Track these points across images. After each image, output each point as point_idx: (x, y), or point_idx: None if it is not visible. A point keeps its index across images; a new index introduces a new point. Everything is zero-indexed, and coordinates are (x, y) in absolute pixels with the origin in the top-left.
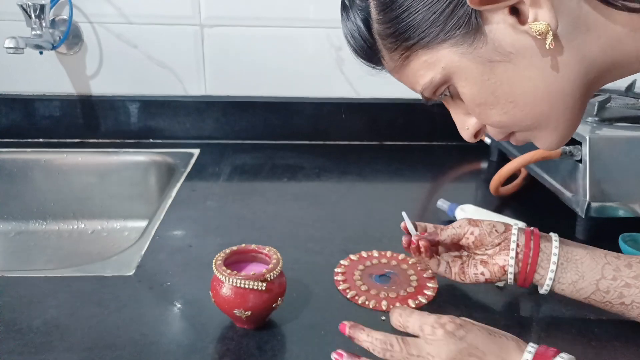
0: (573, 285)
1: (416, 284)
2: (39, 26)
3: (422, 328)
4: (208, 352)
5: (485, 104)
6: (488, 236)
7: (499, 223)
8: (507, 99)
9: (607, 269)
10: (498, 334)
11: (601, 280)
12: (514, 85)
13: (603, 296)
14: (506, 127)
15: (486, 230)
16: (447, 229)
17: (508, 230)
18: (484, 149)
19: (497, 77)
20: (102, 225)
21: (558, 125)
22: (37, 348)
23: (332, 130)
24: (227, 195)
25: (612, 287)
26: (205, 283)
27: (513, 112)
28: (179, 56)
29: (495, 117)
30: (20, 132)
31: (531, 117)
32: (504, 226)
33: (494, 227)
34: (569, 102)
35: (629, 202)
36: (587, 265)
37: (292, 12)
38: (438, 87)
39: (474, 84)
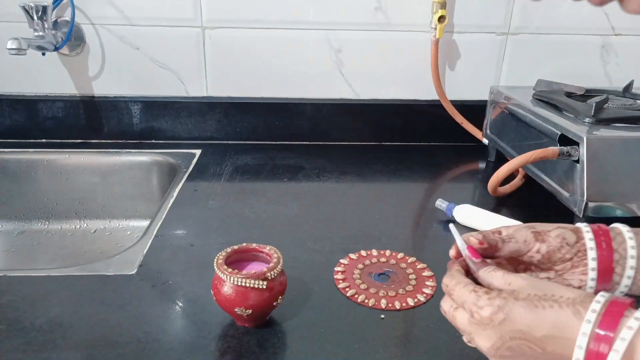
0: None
1: (415, 283)
2: (42, 27)
3: (464, 305)
4: (209, 350)
5: None
6: (558, 252)
7: (568, 232)
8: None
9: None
10: (549, 302)
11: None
12: None
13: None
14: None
15: (556, 246)
16: (508, 243)
17: (580, 240)
18: (482, 149)
19: None
20: (105, 224)
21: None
22: (40, 346)
23: (332, 130)
24: (228, 195)
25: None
26: (207, 282)
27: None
28: (180, 58)
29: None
30: (23, 132)
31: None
32: (575, 235)
33: (564, 239)
34: None
35: (627, 202)
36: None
37: (293, 15)
38: None
39: None
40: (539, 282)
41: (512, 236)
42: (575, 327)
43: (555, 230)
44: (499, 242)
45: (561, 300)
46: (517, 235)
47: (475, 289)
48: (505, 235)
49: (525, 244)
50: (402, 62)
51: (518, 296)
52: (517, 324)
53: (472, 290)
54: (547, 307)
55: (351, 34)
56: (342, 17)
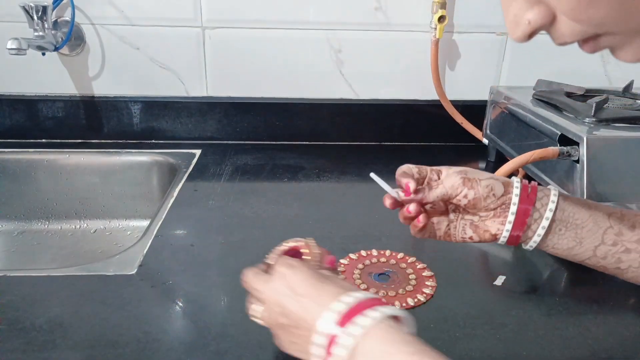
0: (569, 250)
1: (415, 283)
2: (42, 27)
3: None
4: (210, 350)
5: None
6: (483, 200)
7: (498, 183)
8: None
9: (608, 233)
10: (330, 279)
11: (600, 246)
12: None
13: (598, 261)
14: (604, 25)
15: (482, 194)
16: (436, 188)
17: (507, 193)
18: (482, 149)
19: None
20: (105, 224)
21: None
22: (40, 346)
23: (332, 130)
24: (228, 195)
25: (610, 253)
26: (207, 282)
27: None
28: (180, 58)
29: (601, 9)
30: (23, 132)
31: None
32: (503, 188)
33: (491, 190)
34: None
35: (626, 202)
36: (587, 230)
37: (293, 15)
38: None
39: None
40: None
41: (441, 182)
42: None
43: (487, 180)
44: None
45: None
46: (446, 181)
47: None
48: (435, 182)
49: (453, 189)
50: (402, 62)
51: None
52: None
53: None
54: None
55: (351, 34)
56: (342, 17)
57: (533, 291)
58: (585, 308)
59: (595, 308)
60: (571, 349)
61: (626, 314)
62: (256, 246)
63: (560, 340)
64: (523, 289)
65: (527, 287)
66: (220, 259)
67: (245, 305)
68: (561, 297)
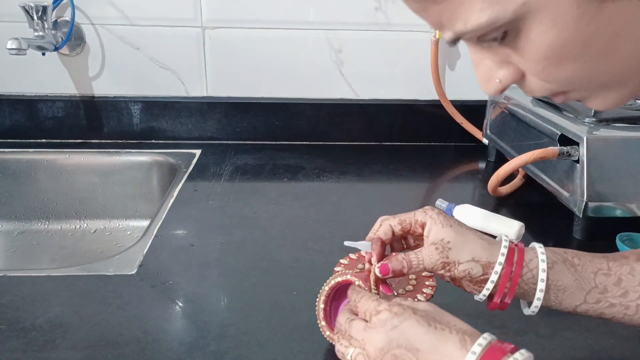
0: (548, 307)
1: (415, 283)
2: (42, 27)
3: (365, 313)
4: (210, 350)
5: (564, 57)
6: (459, 282)
7: (477, 266)
8: (599, 50)
9: (592, 293)
10: (442, 325)
11: (581, 305)
12: (618, 36)
13: (579, 314)
14: (571, 84)
15: (458, 276)
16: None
17: (485, 274)
18: (482, 149)
19: (602, 23)
20: (105, 224)
21: (638, 84)
22: (40, 346)
23: (331, 131)
24: (228, 195)
25: (592, 310)
26: (207, 282)
27: (596, 67)
28: (180, 58)
29: (567, 72)
30: (23, 132)
31: (615, 75)
32: (482, 270)
33: (469, 274)
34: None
35: (626, 202)
36: (569, 294)
37: (293, 15)
38: (494, 31)
39: (562, 31)
40: (441, 310)
41: (420, 264)
42: (455, 352)
43: (466, 264)
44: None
45: (453, 328)
46: (426, 259)
47: (378, 299)
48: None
49: (432, 269)
50: (402, 62)
51: (417, 312)
52: (406, 333)
53: (375, 299)
54: (438, 328)
55: (351, 34)
56: (342, 17)
57: None
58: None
59: None
60: (571, 349)
61: None
62: (256, 246)
63: (560, 340)
64: None
65: None
66: (220, 259)
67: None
68: None
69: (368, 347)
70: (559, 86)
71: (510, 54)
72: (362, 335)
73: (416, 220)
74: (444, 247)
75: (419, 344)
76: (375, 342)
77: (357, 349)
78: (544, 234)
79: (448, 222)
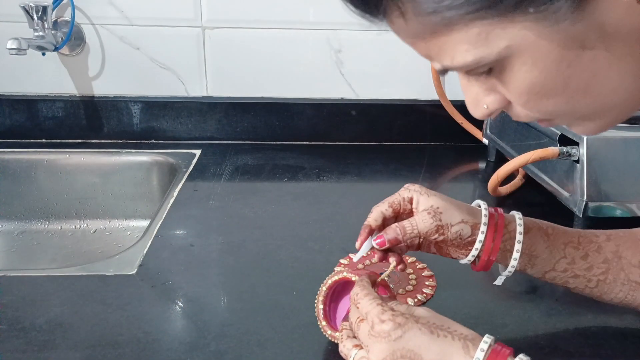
0: (521, 270)
1: (415, 283)
2: (42, 27)
3: (367, 317)
4: (210, 350)
5: (546, 94)
6: (450, 242)
7: (466, 227)
8: (579, 88)
9: (561, 262)
10: (444, 332)
11: (550, 271)
12: (597, 77)
13: (546, 280)
14: (554, 115)
15: (450, 238)
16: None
17: (473, 235)
18: (481, 150)
19: (581, 67)
20: (105, 224)
21: (617, 116)
22: (40, 346)
23: (331, 131)
24: (228, 195)
25: (558, 277)
26: (207, 282)
27: (577, 102)
28: (181, 58)
29: (549, 106)
30: (23, 132)
31: (595, 108)
32: (470, 230)
33: (459, 235)
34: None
35: (626, 202)
36: (541, 260)
37: (293, 15)
38: (480, 68)
39: (543, 71)
40: (438, 315)
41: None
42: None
43: (457, 225)
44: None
45: (455, 334)
46: (420, 224)
47: (382, 303)
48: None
49: (426, 234)
50: (402, 62)
51: (418, 320)
52: (410, 343)
53: (379, 304)
54: (441, 335)
55: (351, 34)
56: (342, 17)
57: (533, 291)
58: (585, 308)
59: (595, 308)
60: (571, 349)
61: (626, 314)
62: (256, 246)
63: (560, 340)
64: (523, 289)
65: (527, 287)
66: (220, 259)
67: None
68: (561, 298)
69: (372, 355)
70: (542, 115)
71: (496, 84)
72: (367, 340)
73: (403, 198)
74: (435, 212)
75: (423, 353)
76: (378, 352)
77: (361, 351)
78: None
79: (432, 192)
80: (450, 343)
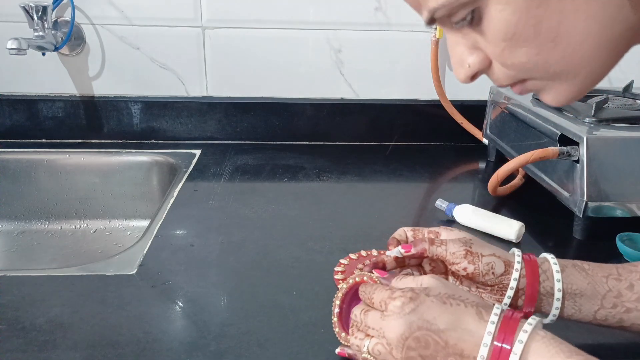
0: (569, 317)
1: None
2: (42, 27)
3: (380, 303)
4: (210, 350)
5: (518, 39)
6: (482, 277)
7: (499, 262)
8: (549, 36)
9: (607, 297)
10: (456, 300)
11: (600, 310)
12: (565, 21)
13: (600, 323)
14: (527, 70)
15: (482, 271)
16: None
17: (507, 273)
18: (482, 149)
19: (550, 7)
20: (105, 224)
21: (586, 77)
22: (40, 346)
23: (332, 131)
24: (228, 195)
25: (610, 315)
26: (207, 282)
27: (547, 54)
28: (181, 58)
29: (522, 56)
30: (23, 132)
31: (565, 63)
32: (504, 267)
33: (492, 268)
34: (613, 52)
35: (627, 202)
36: (586, 298)
37: (293, 15)
38: (461, 9)
39: (515, 11)
40: (448, 283)
41: (444, 243)
42: (475, 324)
43: (488, 257)
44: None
45: (467, 302)
46: (449, 245)
47: (391, 288)
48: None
49: (453, 257)
50: (402, 62)
51: (429, 292)
52: (425, 314)
53: (388, 289)
54: (454, 304)
55: (351, 34)
56: (342, 17)
57: None
58: None
59: None
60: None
61: None
62: (256, 246)
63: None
64: None
65: None
66: (220, 259)
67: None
68: None
69: (388, 334)
70: (517, 72)
71: (478, 40)
72: (379, 324)
73: (429, 230)
74: (466, 241)
75: (438, 323)
76: (394, 328)
77: (374, 339)
78: (544, 234)
79: (461, 230)
80: (463, 311)
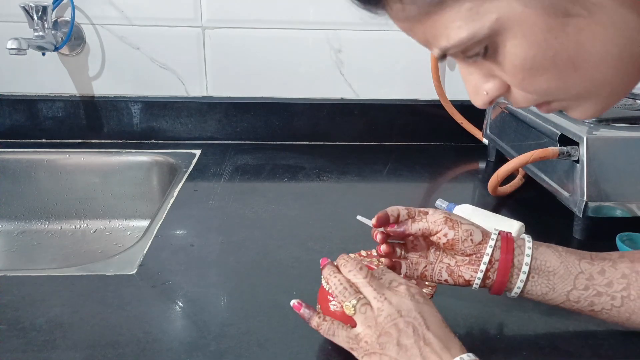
0: (543, 296)
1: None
2: (42, 27)
3: (392, 282)
4: (210, 350)
5: (538, 69)
6: (461, 244)
7: (477, 230)
8: (568, 63)
9: (580, 278)
10: (450, 328)
11: (572, 291)
12: (583, 48)
13: (572, 305)
14: (549, 94)
15: (461, 237)
16: (419, 222)
17: (484, 242)
18: (482, 149)
19: (567, 37)
20: (105, 224)
21: (610, 94)
22: (40, 346)
23: (331, 131)
24: (228, 195)
25: (582, 297)
26: (207, 282)
27: (568, 78)
28: (181, 58)
29: (543, 84)
30: (23, 132)
31: (586, 85)
32: (482, 236)
33: (470, 235)
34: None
35: (626, 202)
36: (559, 277)
37: (293, 15)
38: (475, 46)
39: (532, 44)
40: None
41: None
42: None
43: (467, 225)
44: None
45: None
46: (430, 216)
47: None
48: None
49: (435, 225)
50: (402, 62)
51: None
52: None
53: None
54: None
55: (351, 34)
56: (342, 17)
57: None
58: None
59: None
60: (571, 349)
61: None
62: (256, 246)
63: (561, 340)
64: None
65: None
66: (220, 259)
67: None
68: None
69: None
70: (539, 96)
71: (493, 68)
72: (384, 291)
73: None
74: (448, 214)
75: (431, 326)
76: (398, 301)
77: (363, 299)
78: (544, 234)
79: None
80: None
